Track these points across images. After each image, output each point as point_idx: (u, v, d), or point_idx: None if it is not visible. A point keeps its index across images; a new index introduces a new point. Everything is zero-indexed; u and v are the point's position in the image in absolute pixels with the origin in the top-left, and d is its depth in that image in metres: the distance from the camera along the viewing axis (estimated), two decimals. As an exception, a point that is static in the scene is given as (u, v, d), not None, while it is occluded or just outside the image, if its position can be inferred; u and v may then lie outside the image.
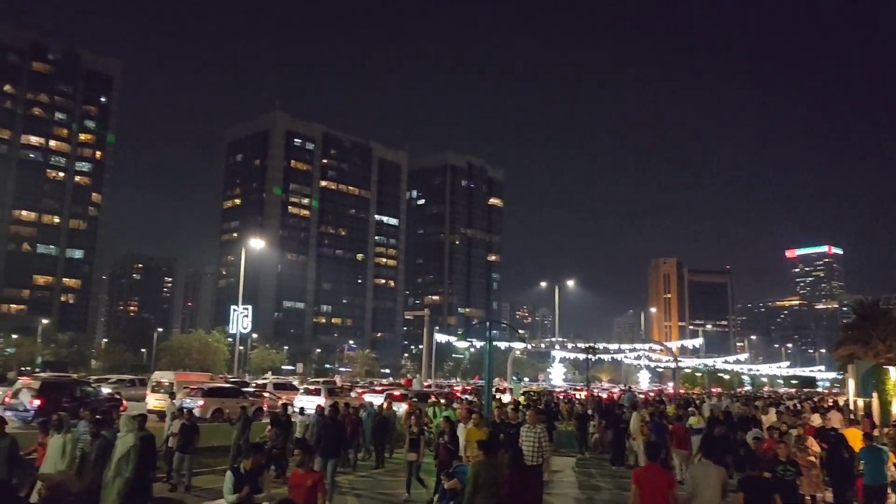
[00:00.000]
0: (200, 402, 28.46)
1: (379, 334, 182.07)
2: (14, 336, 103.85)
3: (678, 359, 56.90)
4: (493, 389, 30.12)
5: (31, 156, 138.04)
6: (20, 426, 21.17)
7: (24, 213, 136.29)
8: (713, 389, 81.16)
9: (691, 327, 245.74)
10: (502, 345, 56.14)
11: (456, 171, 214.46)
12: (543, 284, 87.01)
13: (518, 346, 57.05)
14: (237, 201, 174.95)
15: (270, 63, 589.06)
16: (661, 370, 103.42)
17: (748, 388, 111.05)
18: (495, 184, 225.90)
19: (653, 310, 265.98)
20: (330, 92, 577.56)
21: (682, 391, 67.83)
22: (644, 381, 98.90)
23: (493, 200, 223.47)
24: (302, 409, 20.99)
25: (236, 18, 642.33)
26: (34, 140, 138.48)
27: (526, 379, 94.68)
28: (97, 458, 10.71)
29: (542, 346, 68.85)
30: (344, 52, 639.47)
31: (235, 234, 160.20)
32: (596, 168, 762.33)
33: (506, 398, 34.15)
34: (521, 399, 33.62)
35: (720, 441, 14.35)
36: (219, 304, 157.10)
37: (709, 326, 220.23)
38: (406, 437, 15.97)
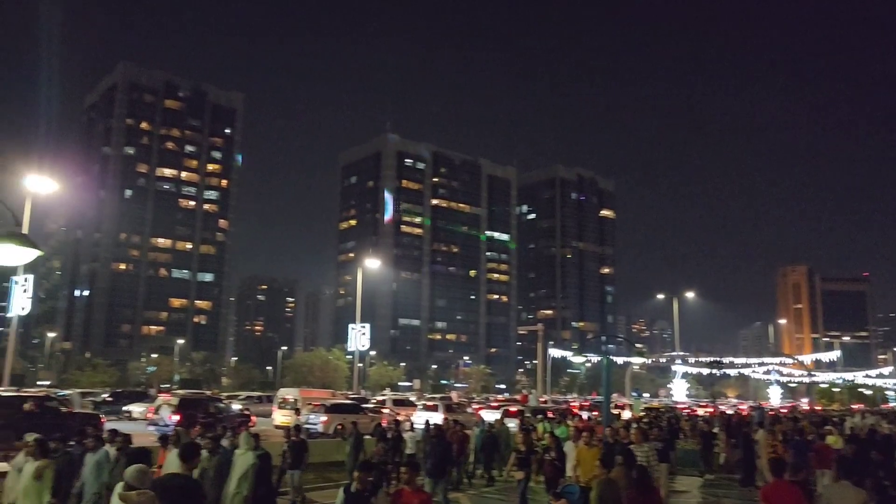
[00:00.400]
0: (324, 419, 29.40)
1: (493, 350, 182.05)
2: (154, 355, 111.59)
3: (813, 373, 53.42)
4: (612, 406, 29.38)
5: (166, 187, 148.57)
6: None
7: (160, 240, 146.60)
8: (853, 406, 75.54)
9: (826, 339, 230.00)
10: (619, 359, 54.70)
11: (566, 184, 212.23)
12: (660, 296, 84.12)
13: (636, 360, 55.35)
14: (352, 222, 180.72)
15: (380, 86, 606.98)
16: (793, 385, 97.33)
17: (894, 404, 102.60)
18: (606, 195, 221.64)
19: (782, 321, 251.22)
20: (438, 111, 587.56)
21: (818, 407, 63.61)
22: (775, 397, 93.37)
23: (604, 212, 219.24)
24: (412, 424, 21.18)
25: (346, 46, 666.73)
26: (168, 172, 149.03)
27: (646, 395, 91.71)
28: (215, 474, 10.80)
29: (662, 360, 66.60)
30: (450, 71, 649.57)
31: (352, 255, 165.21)
32: (713, 173, 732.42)
33: (625, 414, 33.22)
34: (641, 415, 32.60)
35: (858, 461, 13.33)
36: (338, 322, 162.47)
37: (846, 338, 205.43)
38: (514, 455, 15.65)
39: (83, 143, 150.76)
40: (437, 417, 29.32)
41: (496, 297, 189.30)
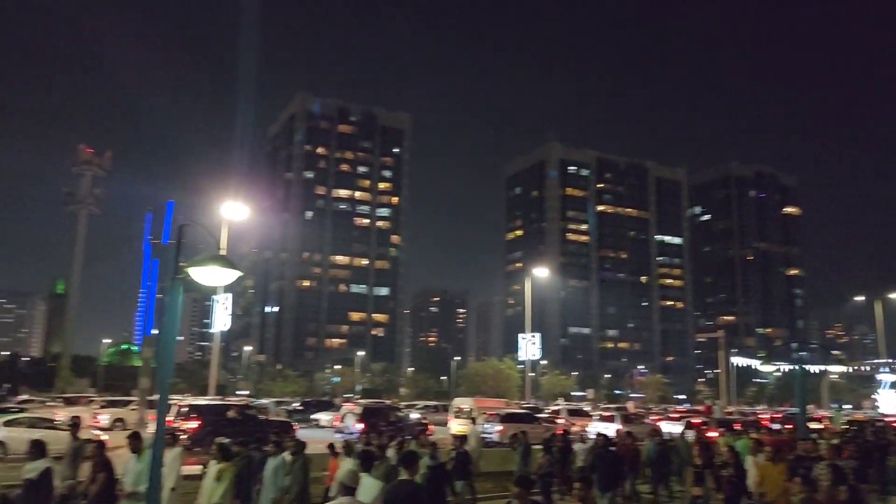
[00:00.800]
0: (499, 427, 29.58)
1: (669, 358, 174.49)
2: (337, 366, 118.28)
3: None
4: (808, 418, 27.04)
5: (342, 207, 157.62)
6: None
7: (339, 257, 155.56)
8: None
9: None
10: (814, 368, 50.26)
11: (742, 182, 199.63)
12: (859, 298, 76.51)
13: (835, 369, 50.69)
14: (518, 233, 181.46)
15: (541, 96, 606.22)
16: None
17: None
18: (789, 191, 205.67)
19: None
20: (600, 116, 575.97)
21: None
22: None
23: (787, 209, 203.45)
24: (582, 436, 20.55)
25: (504, 59, 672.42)
26: (343, 193, 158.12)
27: (847, 406, 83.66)
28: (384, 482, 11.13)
29: (865, 368, 60.35)
30: (611, 76, 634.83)
31: (519, 265, 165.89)
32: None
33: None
34: (843, 428, 29.70)
35: None
36: (508, 331, 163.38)
37: None
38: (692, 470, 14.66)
39: (268, 171, 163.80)
40: (614, 428, 28.53)
41: (670, 303, 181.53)
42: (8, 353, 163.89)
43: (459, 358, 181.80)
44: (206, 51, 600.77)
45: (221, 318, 40.47)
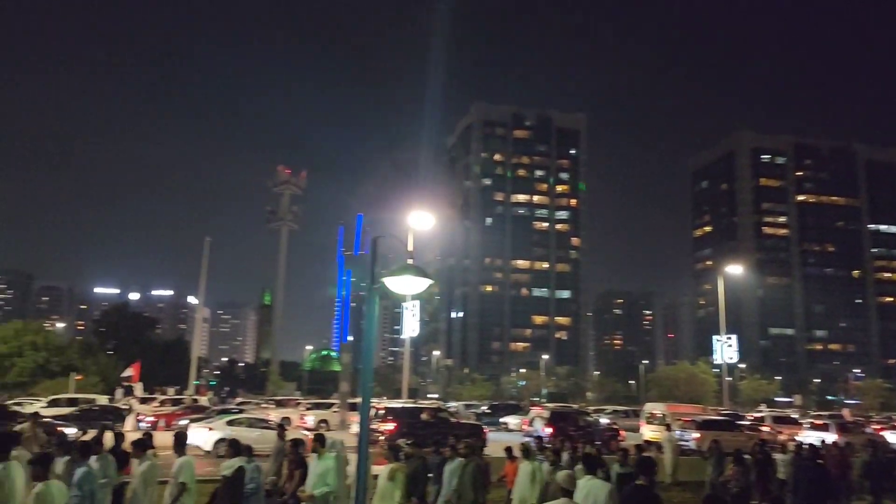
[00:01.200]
0: (696, 435, 28.14)
1: (891, 360, 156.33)
2: (522, 370, 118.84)
3: None
4: None
5: (521, 212, 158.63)
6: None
7: (520, 262, 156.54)
8: None
9: None
10: None
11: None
12: None
13: None
14: (707, 229, 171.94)
15: (722, 84, 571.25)
16: None
17: None
18: None
19: None
20: (796, 99, 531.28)
21: None
22: None
23: None
24: (784, 445, 18.74)
25: (683, 50, 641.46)
26: (521, 198, 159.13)
27: None
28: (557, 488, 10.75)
29: None
30: (807, 53, 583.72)
31: (709, 262, 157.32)
32: None
33: None
34: None
35: None
36: (699, 333, 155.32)
37: None
38: None
39: (448, 180, 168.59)
40: (829, 438, 26.05)
41: (889, 299, 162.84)
42: (226, 359, 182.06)
43: (647, 361, 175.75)
44: (382, 69, 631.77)
45: (410, 325, 42.17)
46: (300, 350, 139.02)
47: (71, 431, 22.04)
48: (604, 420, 37.98)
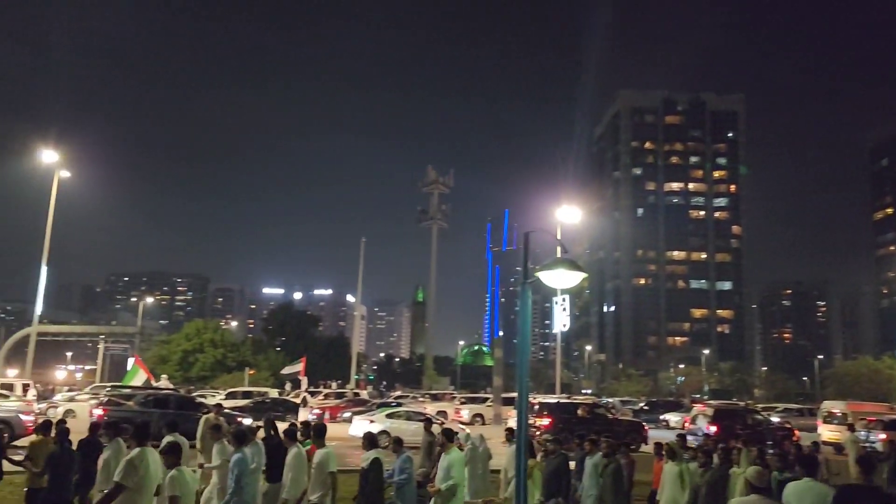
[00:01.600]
0: (882, 436, 25.65)
1: None
2: (681, 366, 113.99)
3: None
4: None
5: (675, 201, 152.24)
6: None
7: (675, 253, 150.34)
8: None
9: None
10: None
11: None
12: None
13: None
14: (889, 211, 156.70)
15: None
16: None
17: None
18: None
19: None
20: None
21: None
22: None
23: None
24: None
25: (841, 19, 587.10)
26: (675, 186, 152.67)
27: None
28: (708, 491, 9.84)
29: None
30: None
31: (892, 248, 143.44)
32: None
33: None
34: None
35: None
36: (884, 326, 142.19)
37: None
38: None
39: (596, 172, 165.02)
40: None
41: None
42: (383, 354, 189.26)
43: (822, 356, 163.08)
44: (526, 63, 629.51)
45: (561, 319, 41.67)
46: (452, 345, 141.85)
47: (247, 422, 23.78)
48: (774, 419, 35.58)
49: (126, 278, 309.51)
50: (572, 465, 10.77)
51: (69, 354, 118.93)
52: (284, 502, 9.20)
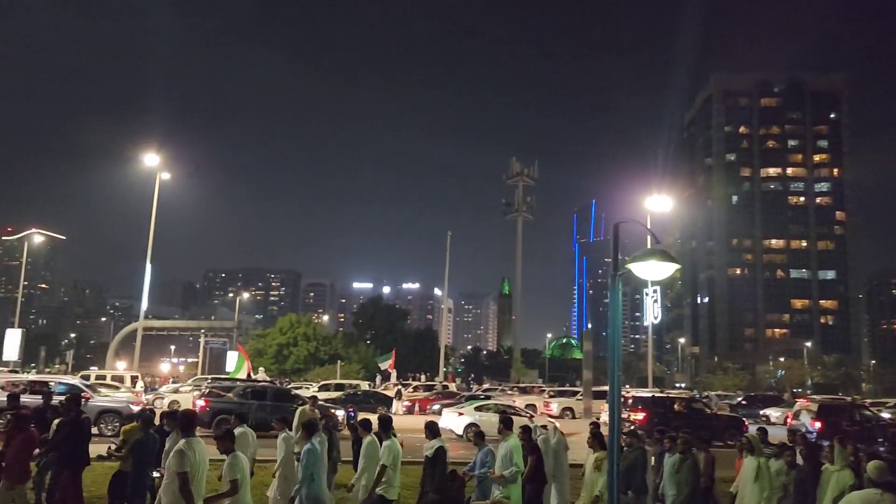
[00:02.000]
0: None
1: None
2: (781, 359, 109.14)
3: None
4: None
5: (772, 186, 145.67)
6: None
7: (773, 241, 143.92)
8: None
9: None
10: None
11: None
12: None
13: None
14: None
15: None
16: None
17: None
18: None
19: None
20: None
21: None
22: None
23: None
24: None
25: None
26: (772, 171, 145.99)
27: None
28: (797, 489, 9.43)
29: None
30: None
31: None
32: None
33: None
34: None
35: None
36: None
37: None
38: None
39: (687, 159, 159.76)
40: None
41: None
42: (470, 347, 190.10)
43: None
44: (612, 50, 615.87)
45: (652, 311, 40.77)
46: (540, 338, 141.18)
47: (340, 413, 24.38)
48: (885, 415, 33.56)
49: (223, 275, 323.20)
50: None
51: (172, 348, 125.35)
52: (352, 487, 9.66)
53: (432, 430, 10.26)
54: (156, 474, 9.21)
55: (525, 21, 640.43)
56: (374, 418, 10.73)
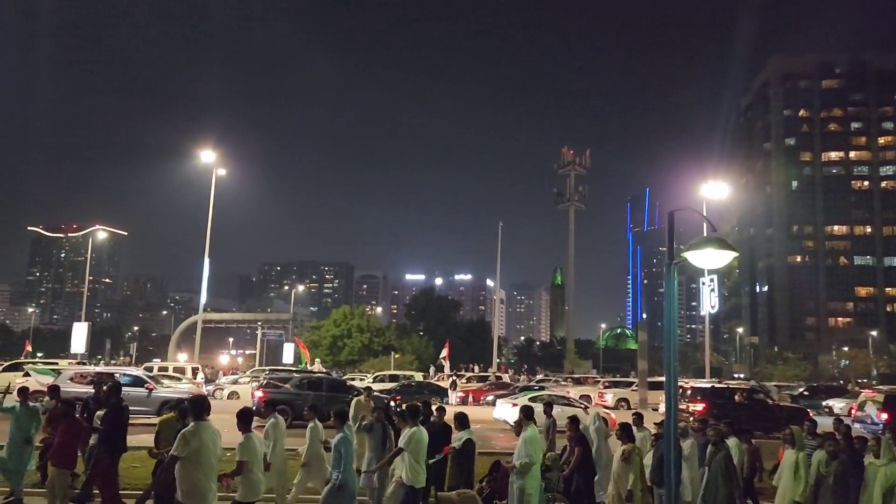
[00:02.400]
0: None
1: None
2: (844, 348, 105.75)
3: None
4: None
5: (834, 171, 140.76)
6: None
7: (835, 227, 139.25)
8: None
9: None
10: None
11: None
12: None
13: None
14: None
15: None
16: None
17: None
18: None
19: None
20: None
21: None
22: None
23: None
24: None
25: None
26: (834, 156, 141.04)
27: None
28: (836, 481, 9.16)
29: None
30: None
31: None
32: None
33: None
34: None
35: None
36: None
37: None
38: None
39: (743, 144, 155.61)
40: None
41: None
42: (523, 338, 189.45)
43: None
44: (665, 35, 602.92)
45: (709, 300, 40.00)
46: (592, 328, 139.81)
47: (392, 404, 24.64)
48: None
49: (278, 268, 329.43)
50: (686, 451, 10.31)
51: (231, 340, 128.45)
52: (392, 472, 9.80)
53: (462, 421, 10.29)
54: None
55: (578, 9, 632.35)
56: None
